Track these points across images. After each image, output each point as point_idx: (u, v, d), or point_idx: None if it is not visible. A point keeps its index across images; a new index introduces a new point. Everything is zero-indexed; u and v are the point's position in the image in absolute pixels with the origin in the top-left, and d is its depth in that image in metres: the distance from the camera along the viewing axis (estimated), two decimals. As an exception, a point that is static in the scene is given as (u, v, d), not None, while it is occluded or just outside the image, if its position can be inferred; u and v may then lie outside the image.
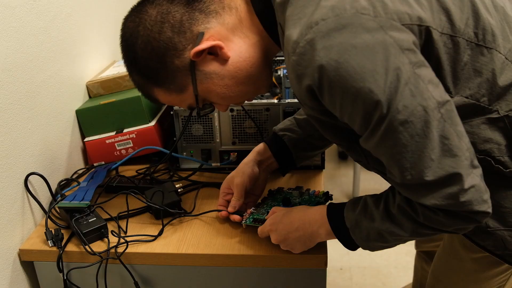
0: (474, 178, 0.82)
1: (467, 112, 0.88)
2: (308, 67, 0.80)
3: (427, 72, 0.81)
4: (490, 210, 0.84)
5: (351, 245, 1.00)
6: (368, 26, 0.77)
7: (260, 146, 1.24)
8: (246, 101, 1.33)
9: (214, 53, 0.95)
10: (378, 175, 1.00)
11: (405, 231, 0.90)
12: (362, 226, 0.95)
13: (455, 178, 0.81)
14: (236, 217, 1.17)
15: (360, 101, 0.78)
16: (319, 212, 1.03)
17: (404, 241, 0.95)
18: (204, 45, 0.93)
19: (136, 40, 0.96)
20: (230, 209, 1.18)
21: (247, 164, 1.21)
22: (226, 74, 0.97)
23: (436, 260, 1.19)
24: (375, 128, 0.81)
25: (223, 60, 0.96)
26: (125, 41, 0.99)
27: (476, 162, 0.84)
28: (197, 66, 0.96)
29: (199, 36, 0.94)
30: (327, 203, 1.05)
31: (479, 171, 0.84)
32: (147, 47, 0.95)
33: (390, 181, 0.89)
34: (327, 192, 1.22)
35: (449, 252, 1.13)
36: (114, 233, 1.17)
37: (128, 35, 0.97)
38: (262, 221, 1.13)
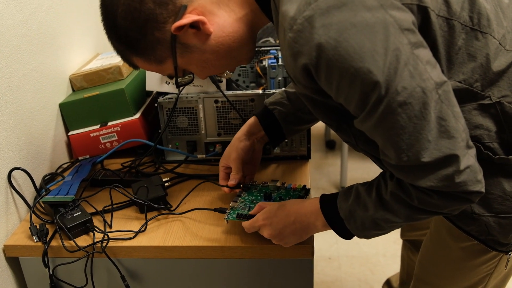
0: (469, 158, 0.82)
1: (459, 97, 0.86)
2: (306, 45, 0.78)
3: (425, 53, 0.80)
4: (483, 189, 0.84)
5: (347, 235, 1.00)
6: (369, 4, 0.76)
7: (252, 119, 1.25)
8: (231, 92, 1.32)
9: (196, 27, 0.92)
10: (365, 165, 1.00)
11: (399, 217, 0.90)
12: (356, 216, 0.95)
13: (451, 159, 0.81)
14: (236, 190, 1.21)
15: (358, 82, 0.77)
16: (314, 204, 1.02)
17: (399, 227, 0.95)
18: (185, 20, 0.90)
19: (116, 8, 0.92)
20: (230, 183, 1.20)
21: (239, 139, 1.22)
22: (208, 48, 0.95)
23: (423, 250, 1.19)
24: (372, 110, 0.80)
25: (205, 34, 0.94)
26: (105, 7, 0.95)
27: (471, 143, 0.84)
28: (178, 39, 0.94)
29: (182, 10, 0.91)
30: (320, 195, 1.04)
31: (473, 151, 0.84)
32: (127, 16, 0.92)
33: (384, 162, 0.88)
34: (305, 185, 1.21)
35: (436, 242, 1.13)
36: (97, 229, 1.16)
37: (108, 1, 0.94)
38: (246, 216, 1.11)
